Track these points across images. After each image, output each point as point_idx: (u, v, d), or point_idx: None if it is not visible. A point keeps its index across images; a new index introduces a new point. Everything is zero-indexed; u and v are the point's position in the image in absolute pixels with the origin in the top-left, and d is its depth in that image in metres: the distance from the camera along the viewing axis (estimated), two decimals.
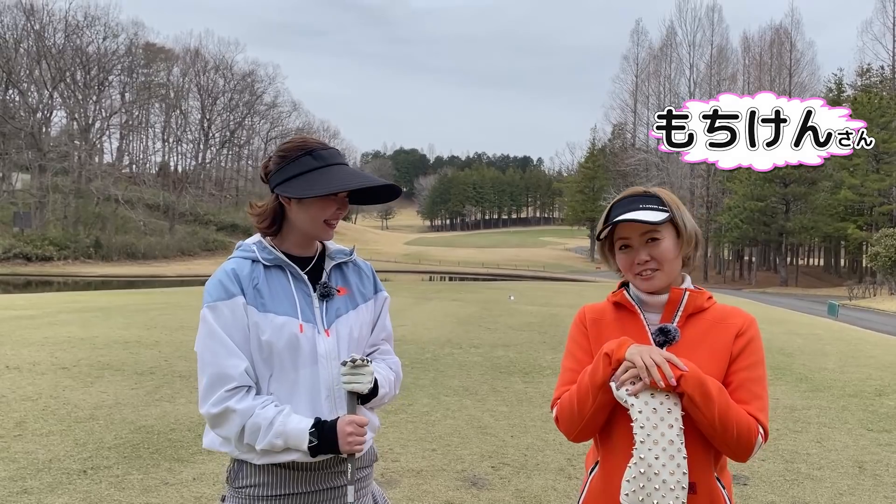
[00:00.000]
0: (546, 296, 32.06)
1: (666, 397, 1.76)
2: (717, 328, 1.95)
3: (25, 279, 53.02)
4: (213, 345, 1.99)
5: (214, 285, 2.04)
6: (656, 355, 1.78)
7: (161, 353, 11.11)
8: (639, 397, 1.77)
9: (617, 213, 1.99)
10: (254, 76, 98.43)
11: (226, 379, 1.96)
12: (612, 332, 2.00)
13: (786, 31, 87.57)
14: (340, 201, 2.11)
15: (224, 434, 1.99)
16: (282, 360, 2.02)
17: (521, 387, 9.13)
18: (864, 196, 61.14)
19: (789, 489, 5.33)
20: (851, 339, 17.36)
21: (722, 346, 1.92)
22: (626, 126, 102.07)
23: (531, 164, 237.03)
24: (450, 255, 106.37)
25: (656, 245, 1.96)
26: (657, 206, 1.97)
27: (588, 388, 1.87)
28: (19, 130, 71.95)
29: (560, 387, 2.02)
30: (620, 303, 2.05)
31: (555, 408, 2.00)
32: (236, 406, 1.95)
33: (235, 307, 2.01)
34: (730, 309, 2.01)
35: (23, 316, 16.52)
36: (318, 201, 2.08)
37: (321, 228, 2.11)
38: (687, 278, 2.06)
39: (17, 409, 7.17)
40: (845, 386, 9.88)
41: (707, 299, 2.00)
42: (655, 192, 2.03)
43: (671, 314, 1.97)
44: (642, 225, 1.94)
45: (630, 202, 2.00)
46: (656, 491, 1.71)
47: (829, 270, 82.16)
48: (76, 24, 78.62)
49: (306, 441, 1.92)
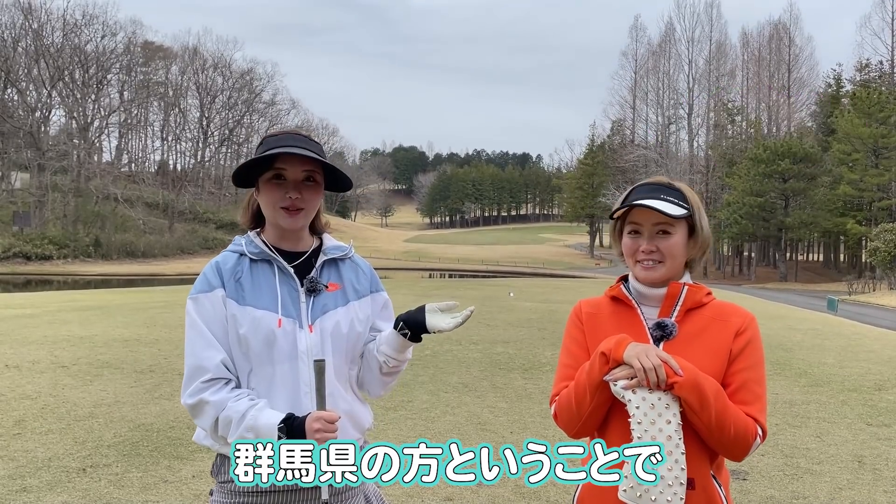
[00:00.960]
0: (545, 292, 32.07)
1: (664, 393, 1.75)
2: (716, 325, 1.92)
3: (25, 278, 53.02)
4: (192, 336, 2.02)
5: (199, 278, 2.08)
6: (654, 357, 1.75)
7: (160, 351, 11.11)
8: (636, 392, 1.75)
9: (636, 196, 1.95)
10: (252, 74, 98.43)
11: (201, 371, 1.98)
12: (608, 327, 1.98)
13: (784, 26, 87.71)
14: (291, 185, 2.06)
15: (201, 425, 2.02)
16: (259, 355, 2.01)
17: (521, 383, 9.14)
18: (864, 191, 61.12)
19: (789, 484, 5.33)
20: (851, 334, 17.37)
21: (721, 343, 1.90)
22: (625, 122, 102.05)
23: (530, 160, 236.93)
24: (449, 253, 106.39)
25: (666, 238, 1.93)
26: (678, 201, 1.94)
27: (586, 387, 1.85)
28: (18, 129, 71.88)
29: (558, 383, 2.00)
30: (618, 297, 2.02)
31: (553, 405, 1.98)
32: (210, 398, 1.96)
33: (215, 299, 2.02)
34: (729, 306, 1.97)
35: (22, 315, 16.52)
36: (267, 186, 2.07)
37: (279, 215, 2.07)
38: (686, 275, 2.03)
39: (17, 408, 7.17)
40: (845, 381, 9.89)
41: (706, 295, 1.97)
42: (680, 186, 1.99)
43: (669, 309, 1.94)
44: (657, 214, 1.91)
45: (652, 189, 1.96)
46: (654, 487, 1.70)
47: (828, 266, 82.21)
48: (74, 22, 78.54)
49: (275, 436, 1.89)
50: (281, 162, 2.04)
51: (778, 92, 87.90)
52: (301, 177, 2.06)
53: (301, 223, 2.09)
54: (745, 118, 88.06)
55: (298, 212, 2.06)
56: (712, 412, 1.75)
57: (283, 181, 2.05)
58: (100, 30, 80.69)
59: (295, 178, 2.05)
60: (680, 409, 1.76)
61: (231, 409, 1.94)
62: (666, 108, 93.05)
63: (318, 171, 2.10)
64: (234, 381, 2.01)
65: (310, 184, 2.08)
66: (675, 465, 1.71)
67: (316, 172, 2.09)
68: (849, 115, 63.27)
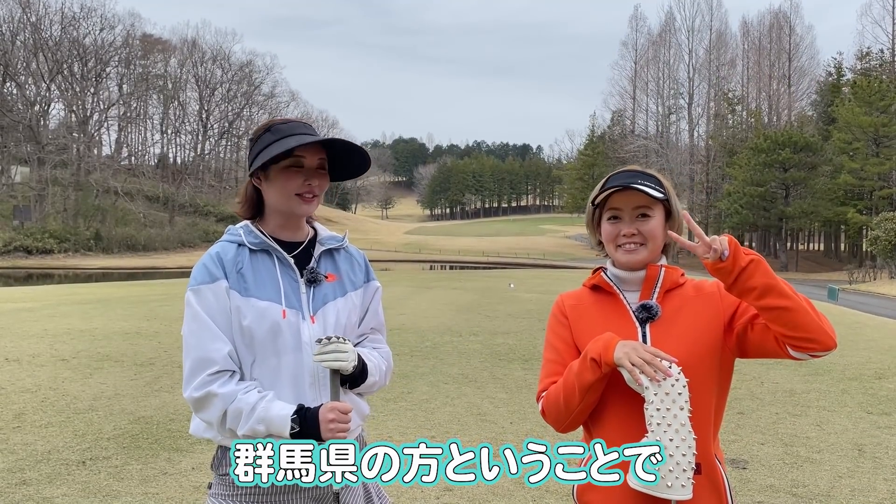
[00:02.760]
0: (545, 283, 32.07)
1: (676, 381, 1.78)
2: (696, 300, 1.97)
3: (26, 272, 53.06)
4: (196, 328, 1.97)
5: (199, 269, 2.03)
6: (643, 353, 1.78)
7: (160, 343, 11.11)
8: (652, 381, 1.78)
9: (614, 183, 1.98)
10: (251, 66, 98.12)
11: (208, 363, 1.94)
12: (592, 316, 2.01)
13: (785, 15, 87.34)
14: (308, 172, 2.06)
15: (206, 418, 1.97)
16: (263, 346, 1.99)
17: (521, 374, 9.14)
18: (864, 180, 60.98)
19: (788, 472, 5.32)
20: (851, 322, 17.37)
21: (709, 313, 1.94)
22: (625, 113, 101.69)
23: (530, 152, 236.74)
24: (450, 244, 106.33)
25: (646, 221, 1.97)
26: (655, 186, 1.98)
27: (575, 388, 1.87)
28: (17, 123, 71.76)
29: (543, 379, 2.03)
30: (599, 285, 2.06)
31: (541, 401, 2.00)
32: (218, 390, 1.92)
33: (218, 291, 1.99)
34: (702, 281, 2.03)
35: (22, 308, 16.53)
36: (282, 173, 2.05)
37: (294, 202, 2.06)
38: (663, 258, 2.07)
39: (17, 401, 7.17)
40: (845, 369, 9.88)
41: (681, 275, 2.02)
42: (654, 173, 2.04)
43: (649, 291, 1.99)
44: (635, 199, 1.95)
45: (629, 176, 2.00)
46: (670, 473, 1.73)
47: (829, 255, 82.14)
48: (72, 15, 78.30)
49: (288, 427, 1.89)
50: (300, 150, 2.04)
51: (778, 81, 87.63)
52: (316, 164, 2.08)
53: (313, 210, 2.12)
54: (746, 108, 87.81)
55: (314, 199, 2.08)
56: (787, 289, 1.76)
57: (301, 169, 2.05)
58: (98, 23, 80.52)
59: (312, 165, 2.07)
60: (689, 397, 1.80)
61: (241, 401, 1.92)
62: (666, 98, 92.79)
63: (326, 158, 2.12)
64: (240, 373, 2.00)
65: (322, 171, 2.11)
66: (688, 451, 1.75)
67: (325, 160, 2.12)
68: (849, 104, 63.09)
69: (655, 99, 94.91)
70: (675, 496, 1.74)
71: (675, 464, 1.74)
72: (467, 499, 4.62)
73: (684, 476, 1.74)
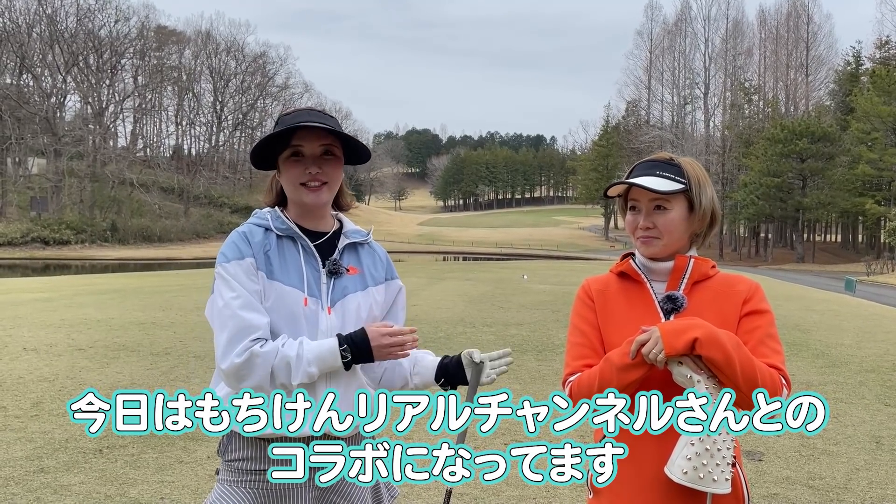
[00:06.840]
0: (559, 275, 31.98)
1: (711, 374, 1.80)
2: (724, 295, 1.95)
3: (43, 263, 53.63)
4: (231, 298, 1.95)
5: (229, 246, 2.03)
6: None
7: (176, 334, 11.19)
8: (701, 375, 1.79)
9: (635, 174, 1.98)
10: (265, 58, 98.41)
11: (251, 329, 1.93)
12: (618, 303, 2.00)
13: (803, 3, 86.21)
14: (309, 160, 2.04)
15: (252, 383, 1.92)
16: (280, 331, 1.99)
17: (534, 365, 9.12)
18: (883, 171, 60.27)
19: (805, 464, 5.29)
20: (869, 314, 17.21)
21: (730, 312, 1.92)
22: (640, 103, 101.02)
23: (544, 142, 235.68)
24: (463, 236, 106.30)
25: (662, 214, 1.95)
26: (674, 176, 1.95)
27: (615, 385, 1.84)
28: (34, 115, 72.36)
29: (570, 362, 2.00)
30: (626, 272, 2.04)
31: (569, 384, 1.97)
32: (260, 350, 1.91)
33: (248, 267, 2.00)
34: (734, 276, 2.00)
35: (40, 299, 16.69)
36: (287, 165, 2.06)
37: (300, 192, 2.05)
38: (693, 249, 2.04)
39: (35, 390, 7.25)
40: (862, 361, 9.80)
41: (711, 268, 1.99)
42: (679, 161, 2.00)
43: (677, 282, 1.97)
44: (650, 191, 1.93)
45: (648, 166, 1.99)
46: (717, 467, 1.75)
47: (846, 246, 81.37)
48: (88, 7, 78.80)
49: (339, 356, 1.95)
50: (298, 139, 2.02)
51: (796, 70, 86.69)
52: (319, 151, 2.05)
53: (325, 199, 2.08)
54: (763, 97, 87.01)
55: (321, 187, 2.05)
56: (736, 364, 1.76)
57: (301, 158, 2.04)
58: (113, 14, 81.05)
59: (313, 152, 2.04)
60: None
61: (282, 353, 1.92)
62: (682, 88, 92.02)
63: (337, 144, 2.08)
64: None
65: (329, 157, 2.07)
66: (732, 445, 1.78)
67: (334, 146, 2.07)
68: (868, 94, 62.31)
69: (671, 89, 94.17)
70: (718, 490, 1.76)
71: (722, 458, 1.76)
72: (479, 488, 4.63)
73: (728, 470, 1.77)
